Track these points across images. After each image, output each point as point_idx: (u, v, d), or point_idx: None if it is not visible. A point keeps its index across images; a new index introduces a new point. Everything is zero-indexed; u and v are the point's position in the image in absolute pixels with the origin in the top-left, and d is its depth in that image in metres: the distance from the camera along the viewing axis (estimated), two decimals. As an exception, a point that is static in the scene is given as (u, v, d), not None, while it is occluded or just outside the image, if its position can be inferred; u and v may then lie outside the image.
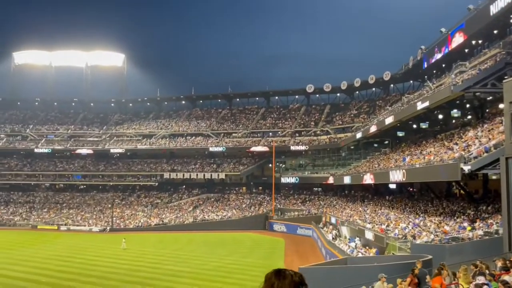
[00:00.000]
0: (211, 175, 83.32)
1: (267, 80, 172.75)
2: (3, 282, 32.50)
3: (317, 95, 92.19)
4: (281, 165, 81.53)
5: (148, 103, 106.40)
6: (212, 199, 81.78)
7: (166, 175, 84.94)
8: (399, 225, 35.80)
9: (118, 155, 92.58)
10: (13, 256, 45.45)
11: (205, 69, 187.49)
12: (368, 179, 48.04)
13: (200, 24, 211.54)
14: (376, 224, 39.05)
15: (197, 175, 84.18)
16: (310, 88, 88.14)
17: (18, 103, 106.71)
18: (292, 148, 79.69)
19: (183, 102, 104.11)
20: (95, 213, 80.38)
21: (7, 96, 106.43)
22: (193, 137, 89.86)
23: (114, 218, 75.00)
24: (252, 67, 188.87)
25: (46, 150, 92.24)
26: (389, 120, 49.38)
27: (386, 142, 62.66)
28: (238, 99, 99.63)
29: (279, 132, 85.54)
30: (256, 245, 54.46)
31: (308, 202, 73.95)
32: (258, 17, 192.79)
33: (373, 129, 55.49)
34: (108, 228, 72.22)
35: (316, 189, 78.27)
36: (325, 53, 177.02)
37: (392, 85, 79.38)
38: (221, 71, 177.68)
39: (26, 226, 76.43)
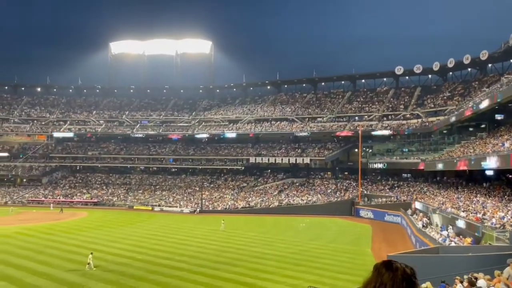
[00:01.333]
0: (295, 159, 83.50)
1: (353, 63, 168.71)
2: (103, 258, 35.15)
3: (407, 77, 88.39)
4: (368, 150, 79.58)
5: (234, 89, 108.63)
6: (297, 184, 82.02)
7: (252, 160, 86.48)
8: (496, 214, 33.59)
9: (206, 139, 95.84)
10: (113, 234, 49.00)
11: (290, 54, 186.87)
12: (463, 165, 45.43)
13: (285, 9, 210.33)
14: (471, 213, 36.93)
15: (282, 159, 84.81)
16: (399, 70, 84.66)
17: (115, 90, 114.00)
18: (380, 132, 77.44)
19: (268, 87, 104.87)
20: (185, 195, 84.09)
21: (105, 85, 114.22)
22: (278, 122, 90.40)
23: (203, 200, 77.91)
24: (337, 50, 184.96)
25: (140, 135, 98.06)
26: (485, 103, 46.13)
27: (483, 126, 58.66)
28: (323, 83, 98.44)
29: (365, 116, 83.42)
30: (342, 231, 53.96)
31: (396, 188, 71.65)
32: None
33: (468, 112, 52.22)
34: (198, 209, 75.24)
35: (405, 175, 75.49)
36: (413, 34, 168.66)
37: (489, 65, 73.89)
38: (305, 55, 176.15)
39: (124, 206, 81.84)
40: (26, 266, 32.10)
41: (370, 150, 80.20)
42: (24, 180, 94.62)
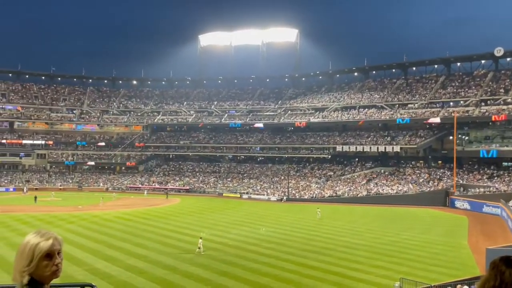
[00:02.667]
0: (385, 148, 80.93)
1: (446, 46, 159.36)
2: (195, 243, 36.59)
3: (508, 59, 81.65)
4: (463, 137, 74.99)
5: (320, 77, 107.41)
6: (386, 173, 79.53)
7: (339, 148, 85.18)
8: None
9: (292, 128, 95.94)
10: (204, 220, 50.91)
11: (378, 39, 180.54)
12: None
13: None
14: None
15: (370, 148, 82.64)
16: (499, 52, 78.33)
17: (204, 81, 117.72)
18: (477, 118, 72.58)
19: (355, 74, 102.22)
20: (272, 183, 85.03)
21: (195, 76, 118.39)
22: (366, 109, 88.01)
23: (290, 189, 78.28)
24: (428, 33, 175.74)
25: (228, 125, 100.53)
26: None
27: None
28: (414, 68, 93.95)
29: (461, 102, 78.58)
30: (435, 222, 51.54)
31: (496, 178, 66.95)
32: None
33: None
34: (284, 198, 75.78)
35: (506, 163, 70.24)
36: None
37: None
38: (394, 40, 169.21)
39: (214, 193, 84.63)
40: (126, 248, 34.35)
41: (467, 138, 75.49)
42: (123, 168, 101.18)
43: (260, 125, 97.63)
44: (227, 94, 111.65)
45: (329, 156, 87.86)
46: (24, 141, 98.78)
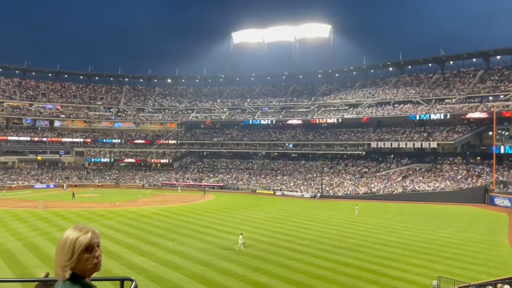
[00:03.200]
0: (421, 144, 79.27)
1: (485, 38, 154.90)
2: (232, 240, 36.99)
3: (551, 51, 78.56)
4: (504, 132, 72.65)
5: (354, 72, 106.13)
6: (423, 169, 77.93)
7: (373, 144, 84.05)
8: None
9: (325, 124, 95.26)
10: (238, 217, 51.27)
11: (413, 33, 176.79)
12: None
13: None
14: None
15: (406, 144, 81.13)
16: (541, 43, 75.46)
17: (237, 79, 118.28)
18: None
19: (390, 68, 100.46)
20: (305, 180, 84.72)
21: (228, 74, 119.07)
22: (401, 105, 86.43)
23: (323, 186, 77.81)
24: (466, 25, 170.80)
25: (261, 122, 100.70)
26: None
27: None
28: (451, 62, 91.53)
29: (501, 96, 76.11)
30: (474, 220, 50.26)
31: (538, 174, 64.65)
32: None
33: None
34: (318, 194, 75.39)
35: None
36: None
37: None
38: (430, 33, 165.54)
39: (247, 190, 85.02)
40: (162, 244, 34.98)
41: (507, 133, 73.13)
42: (158, 165, 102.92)
43: (293, 121, 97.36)
44: (260, 91, 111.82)
45: (364, 153, 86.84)
46: (63, 139, 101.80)
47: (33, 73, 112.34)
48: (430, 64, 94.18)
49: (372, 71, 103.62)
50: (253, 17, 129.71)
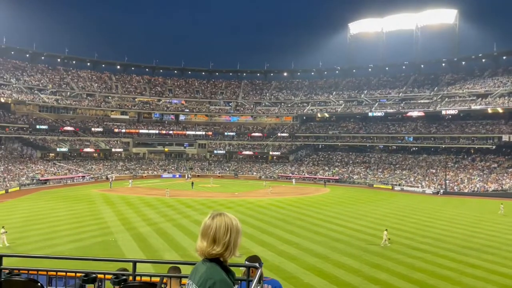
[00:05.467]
0: None
1: None
2: (349, 234, 36.56)
3: None
4: None
5: (483, 60, 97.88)
6: None
7: (505, 138, 77.01)
8: None
9: (450, 116, 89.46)
10: (355, 211, 50.40)
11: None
12: None
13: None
14: None
15: (545, 137, 73.09)
16: None
17: (354, 70, 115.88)
18: None
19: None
20: (427, 175, 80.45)
21: (344, 65, 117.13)
22: (540, 94, 77.88)
23: (447, 181, 73.24)
24: None
25: (379, 114, 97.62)
26: None
27: None
28: None
29: None
30: None
31: None
32: None
33: None
34: (441, 191, 71.21)
35: None
36: None
37: None
38: None
39: (363, 184, 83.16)
40: (278, 234, 35.69)
41: None
42: (274, 157, 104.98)
43: (414, 113, 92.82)
44: (377, 82, 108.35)
45: (494, 147, 79.96)
46: (187, 132, 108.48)
47: (161, 71, 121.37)
48: None
49: (504, 58, 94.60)
50: (371, 7, 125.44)
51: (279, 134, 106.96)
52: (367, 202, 58.79)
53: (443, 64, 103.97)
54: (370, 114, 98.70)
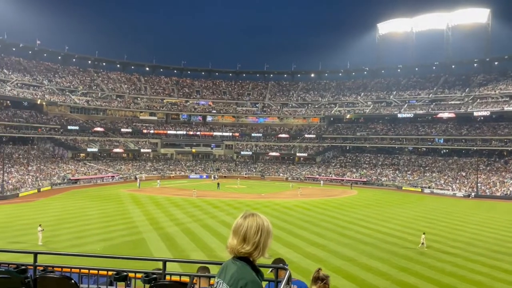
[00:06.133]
0: None
1: None
2: (376, 237, 36.11)
3: None
4: None
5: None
6: None
7: (541, 140, 74.71)
8: None
9: (482, 118, 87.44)
10: (382, 213, 49.76)
11: None
12: None
13: None
14: None
15: None
16: None
17: (382, 71, 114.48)
18: None
19: None
20: (458, 177, 78.78)
21: (373, 66, 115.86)
22: None
23: (479, 184, 71.54)
24: None
25: (408, 115, 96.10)
26: None
27: None
28: None
29: None
30: None
31: None
32: None
33: None
34: (472, 194, 69.62)
35: None
36: None
37: None
38: None
39: (392, 186, 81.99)
40: (305, 236, 35.53)
41: None
42: (301, 158, 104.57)
43: (445, 115, 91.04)
44: (407, 83, 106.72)
45: (528, 149, 77.67)
46: (214, 133, 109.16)
47: (188, 72, 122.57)
48: None
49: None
50: (401, 7, 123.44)
51: (306, 136, 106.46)
52: (396, 205, 57.97)
53: (475, 65, 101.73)
54: (399, 115, 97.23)
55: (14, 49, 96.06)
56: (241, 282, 2.71)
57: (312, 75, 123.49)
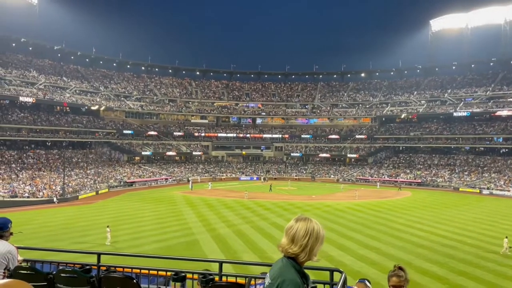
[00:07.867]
0: None
1: None
2: (432, 239, 35.04)
3: None
4: None
5: None
6: None
7: None
8: None
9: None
10: (437, 215, 48.18)
11: None
12: None
13: None
14: None
15: None
16: None
17: (436, 69, 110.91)
18: None
19: None
20: (519, 178, 75.06)
21: (426, 64, 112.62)
22: None
23: (543, 185, 67.89)
24: None
25: (464, 114, 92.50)
26: None
27: None
28: None
29: None
30: None
31: None
32: None
33: None
34: (535, 195, 66.18)
35: None
36: None
37: None
38: None
39: (448, 187, 79.22)
40: (357, 238, 35.00)
41: None
42: (352, 159, 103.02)
43: (504, 112, 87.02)
44: (462, 80, 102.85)
45: None
46: (264, 135, 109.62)
47: (238, 75, 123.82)
48: None
49: None
50: (455, 1, 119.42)
51: (357, 136, 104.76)
52: (452, 207, 55.98)
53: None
54: (454, 114, 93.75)
55: (72, 57, 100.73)
56: (280, 279, 2.86)
57: (363, 75, 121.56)
